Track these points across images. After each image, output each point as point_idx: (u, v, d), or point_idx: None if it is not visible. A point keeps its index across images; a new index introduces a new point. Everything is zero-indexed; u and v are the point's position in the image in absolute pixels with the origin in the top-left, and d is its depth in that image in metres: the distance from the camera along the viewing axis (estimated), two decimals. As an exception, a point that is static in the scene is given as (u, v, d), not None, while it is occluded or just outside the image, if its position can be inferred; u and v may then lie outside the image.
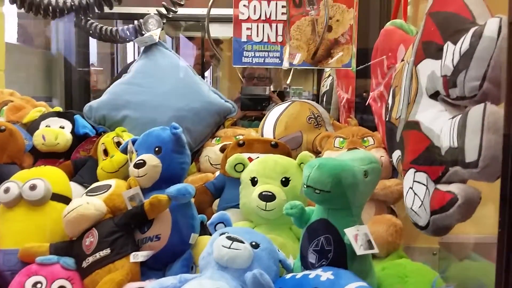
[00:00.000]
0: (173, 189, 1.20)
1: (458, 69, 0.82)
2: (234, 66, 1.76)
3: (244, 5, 1.72)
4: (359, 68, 1.83)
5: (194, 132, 1.68)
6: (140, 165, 1.28)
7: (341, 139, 1.47)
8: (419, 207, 0.91)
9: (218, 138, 1.75)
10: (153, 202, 1.19)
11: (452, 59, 0.83)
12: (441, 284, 1.03)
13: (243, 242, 1.03)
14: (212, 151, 1.71)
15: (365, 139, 1.46)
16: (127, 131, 1.57)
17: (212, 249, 1.04)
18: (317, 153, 1.58)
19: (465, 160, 0.79)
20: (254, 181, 1.32)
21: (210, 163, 1.69)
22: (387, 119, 1.09)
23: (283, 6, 1.72)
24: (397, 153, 1.04)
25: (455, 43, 0.84)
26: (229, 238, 1.04)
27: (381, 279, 1.09)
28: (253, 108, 2.10)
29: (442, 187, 0.85)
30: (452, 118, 0.83)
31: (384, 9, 1.85)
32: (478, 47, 0.78)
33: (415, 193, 0.93)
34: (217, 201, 1.48)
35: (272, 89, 2.44)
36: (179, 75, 1.71)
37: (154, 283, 1.04)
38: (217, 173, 1.58)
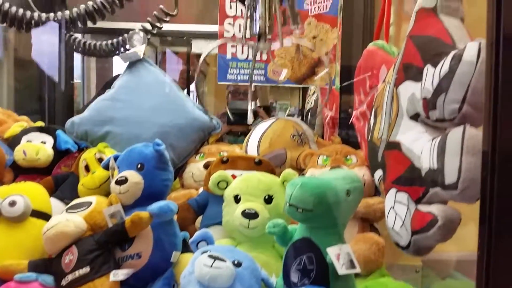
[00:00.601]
0: (155, 206, 1.18)
1: (437, 92, 0.83)
2: (218, 83, 1.77)
3: (229, 23, 1.74)
4: (343, 85, 1.85)
5: (178, 148, 1.67)
6: (121, 182, 1.26)
7: (325, 157, 1.47)
8: (400, 227, 0.92)
9: (202, 154, 1.73)
10: (134, 220, 1.17)
11: (432, 82, 0.84)
12: (423, 304, 1.04)
13: (225, 261, 1.02)
14: (195, 168, 1.70)
15: (348, 157, 1.46)
16: (109, 147, 1.55)
17: (194, 268, 1.02)
18: (300, 170, 1.58)
19: (444, 182, 0.80)
20: (237, 199, 1.31)
21: (194, 180, 1.68)
22: (369, 139, 1.09)
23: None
24: (379, 173, 1.05)
25: (435, 65, 0.85)
26: (211, 256, 1.03)
27: (363, 299, 1.09)
28: (239, 122, 2.10)
29: (423, 208, 0.86)
30: (432, 139, 0.84)
31: (367, 29, 1.88)
32: (457, 71, 0.80)
33: (396, 213, 0.93)
34: (200, 218, 1.47)
35: (258, 105, 2.44)
36: (164, 91, 1.70)
37: (134, 303, 1.02)
38: (201, 189, 1.57)
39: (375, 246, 1.24)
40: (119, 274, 1.15)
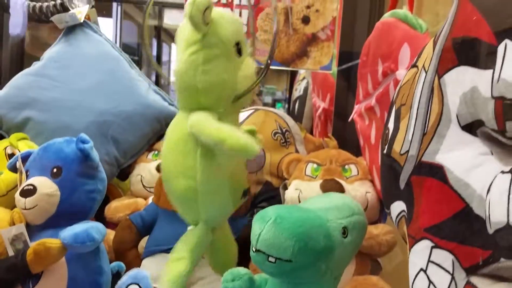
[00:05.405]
0: (68, 233, 0.86)
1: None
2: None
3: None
4: (340, 68, 1.49)
5: (124, 144, 1.28)
6: (28, 192, 0.91)
7: (315, 166, 1.11)
8: (437, 305, 0.56)
9: (156, 152, 1.35)
10: (38, 251, 0.85)
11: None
12: None
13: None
14: (146, 169, 1.31)
15: (346, 167, 1.10)
16: (28, 139, 1.17)
17: None
18: (282, 179, 1.23)
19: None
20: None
21: (143, 185, 1.31)
22: (385, 152, 0.73)
23: (249, -12, 1.34)
24: (399, 206, 0.68)
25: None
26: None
27: None
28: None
29: (483, 285, 0.50)
30: (510, 171, 0.47)
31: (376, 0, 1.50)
32: None
33: (430, 281, 0.57)
34: (145, 239, 1.11)
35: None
36: (108, 66, 1.30)
37: None
38: (150, 200, 1.21)
39: (379, 297, 0.93)
40: (14, 328, 0.84)
